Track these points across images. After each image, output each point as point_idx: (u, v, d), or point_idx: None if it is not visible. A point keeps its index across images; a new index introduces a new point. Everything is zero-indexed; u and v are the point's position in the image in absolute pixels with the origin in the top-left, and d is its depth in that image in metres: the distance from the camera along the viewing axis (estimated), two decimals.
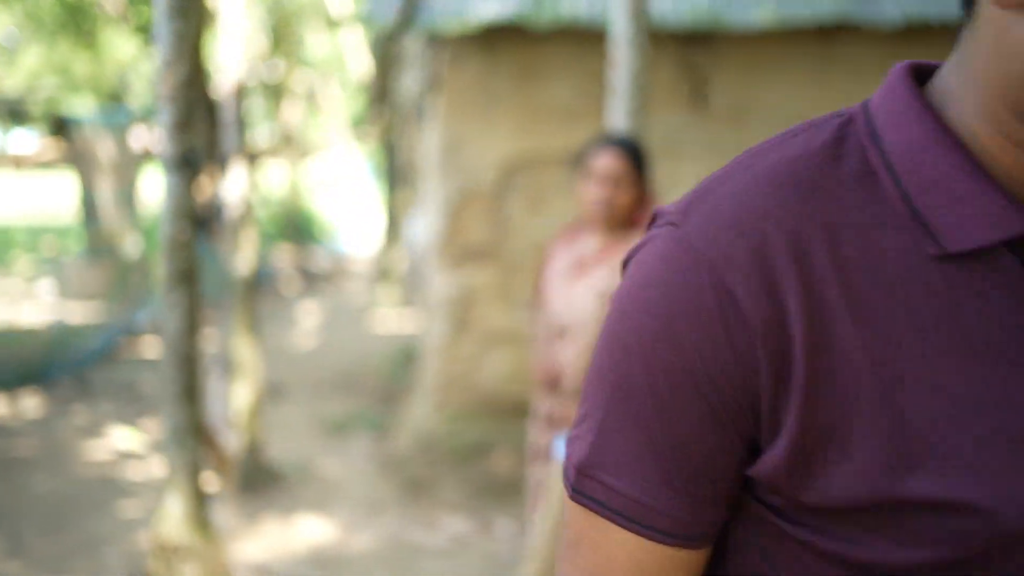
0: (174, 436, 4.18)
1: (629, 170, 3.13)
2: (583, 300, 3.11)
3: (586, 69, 5.43)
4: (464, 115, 5.48)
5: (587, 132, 5.41)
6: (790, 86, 5.43)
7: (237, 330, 5.67)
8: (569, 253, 3.25)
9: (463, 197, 5.51)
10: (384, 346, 9.89)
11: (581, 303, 3.11)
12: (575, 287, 3.16)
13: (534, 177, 5.53)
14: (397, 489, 5.63)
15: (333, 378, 8.63)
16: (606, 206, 3.09)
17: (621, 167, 3.11)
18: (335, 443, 6.67)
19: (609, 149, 3.15)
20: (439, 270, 5.61)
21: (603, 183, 3.09)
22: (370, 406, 7.55)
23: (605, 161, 3.12)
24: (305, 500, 5.57)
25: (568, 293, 3.16)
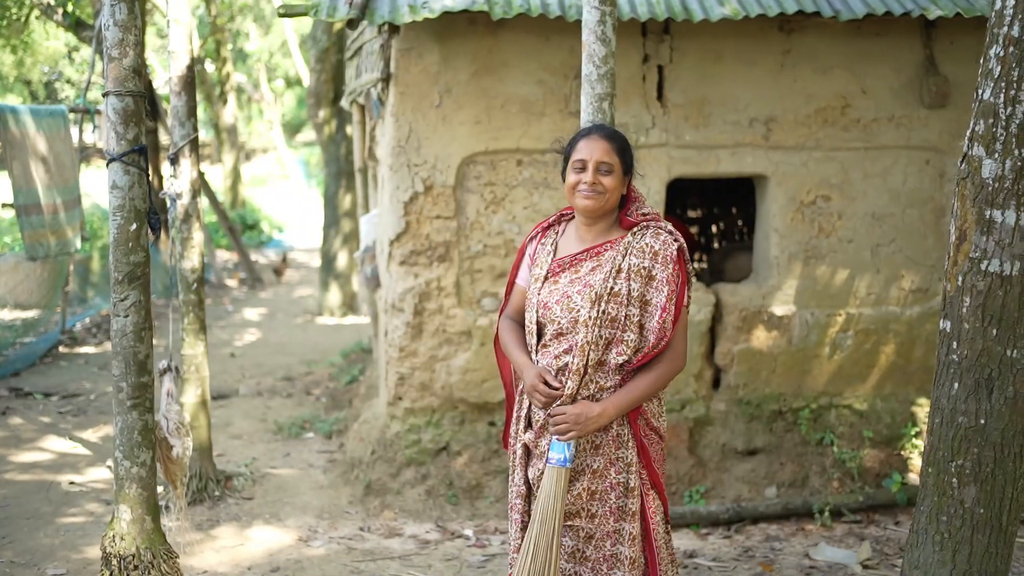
0: (124, 443, 3.98)
1: (619, 160, 3.02)
2: (577, 300, 2.98)
3: (546, 61, 5.33)
4: (419, 108, 5.33)
5: (548, 126, 5.32)
6: (750, 80, 5.39)
7: (186, 332, 5.45)
8: (550, 250, 3.11)
9: (418, 193, 5.36)
10: (331, 346, 9.68)
11: (575, 303, 2.98)
12: (565, 286, 3.02)
13: (492, 172, 5.40)
14: (354, 494, 5.47)
15: (280, 379, 8.41)
16: (597, 197, 2.98)
17: (612, 155, 2.99)
18: (286, 447, 6.47)
19: (599, 136, 3.02)
20: (394, 268, 5.46)
21: (594, 172, 2.97)
22: (320, 408, 7.36)
23: (596, 147, 2.99)
24: (259, 507, 5.38)
25: (557, 292, 3.02)
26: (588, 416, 2.91)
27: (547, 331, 3.03)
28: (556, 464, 2.93)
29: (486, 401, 5.49)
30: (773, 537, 5.05)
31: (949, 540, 3.30)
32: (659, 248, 2.99)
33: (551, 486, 2.94)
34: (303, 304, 12.78)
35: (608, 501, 3.02)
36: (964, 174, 3.21)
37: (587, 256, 3.03)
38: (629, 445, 3.03)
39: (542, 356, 3.03)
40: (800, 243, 5.49)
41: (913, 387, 5.62)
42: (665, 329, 2.95)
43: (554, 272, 3.06)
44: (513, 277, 3.21)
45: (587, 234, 3.07)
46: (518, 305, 3.19)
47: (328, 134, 11.29)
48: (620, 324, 2.97)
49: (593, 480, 3.02)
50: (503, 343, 3.17)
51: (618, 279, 2.96)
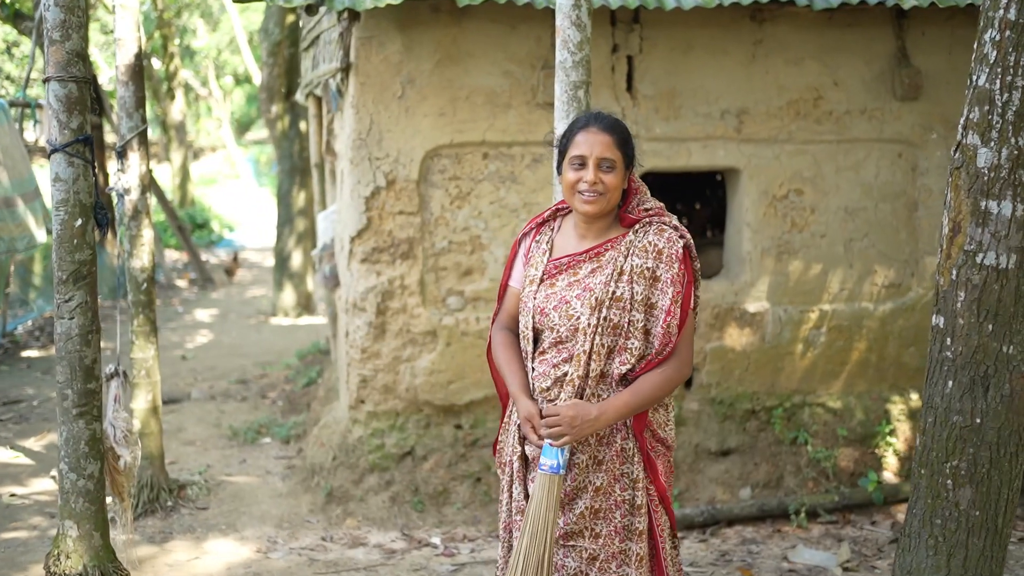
0: (70, 454, 3.72)
1: (621, 154, 2.76)
2: (577, 306, 2.75)
3: (512, 51, 5.14)
4: (380, 99, 5.12)
5: (514, 118, 5.14)
6: (722, 71, 5.25)
7: (135, 334, 5.19)
8: (546, 248, 2.87)
9: (380, 187, 5.15)
10: (287, 348, 9.40)
11: (574, 310, 2.75)
12: (563, 290, 2.79)
13: (458, 166, 5.21)
14: (315, 502, 5.24)
15: (234, 382, 8.13)
16: (599, 199, 2.73)
17: (614, 149, 2.74)
18: (242, 453, 6.22)
19: (599, 128, 2.77)
20: (355, 266, 5.24)
21: (595, 169, 2.73)
22: (277, 412, 7.10)
23: (596, 141, 2.73)
24: (214, 518, 5.13)
25: (555, 297, 2.81)
26: (584, 418, 2.68)
27: (544, 338, 2.81)
28: (548, 471, 2.71)
29: (452, 403, 5.29)
30: (749, 540, 4.92)
31: (943, 544, 3.17)
32: (663, 246, 2.75)
33: (542, 495, 2.72)
34: (256, 304, 12.47)
35: (613, 520, 2.80)
36: (958, 163, 3.09)
37: (586, 257, 2.80)
38: (635, 460, 2.80)
39: (539, 364, 2.81)
40: (773, 238, 5.37)
41: (886, 384, 5.53)
42: (670, 334, 2.72)
43: (551, 274, 2.83)
44: (506, 279, 2.94)
45: (586, 232, 2.83)
46: (512, 310, 2.93)
47: (281, 130, 11.00)
48: (623, 331, 2.74)
49: (596, 498, 2.80)
50: (497, 362, 2.92)
51: (620, 282, 2.74)
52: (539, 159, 5.22)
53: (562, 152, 2.82)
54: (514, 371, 2.84)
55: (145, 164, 5.14)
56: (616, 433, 2.78)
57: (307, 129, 11.09)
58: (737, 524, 5.10)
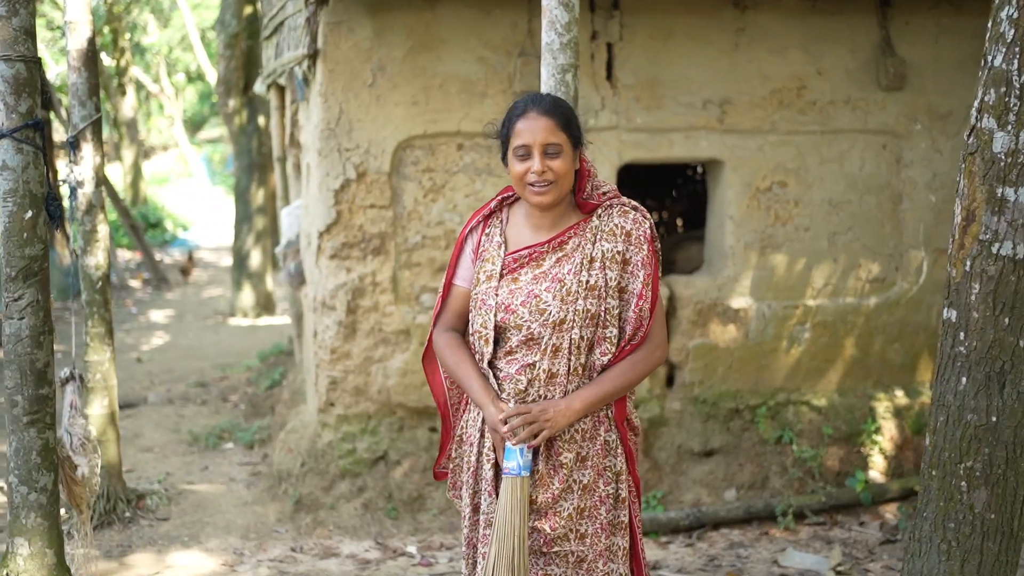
0: (21, 466, 3.45)
1: (566, 136, 2.58)
2: (548, 299, 2.57)
3: (487, 37, 4.93)
4: (350, 88, 4.88)
5: (490, 107, 4.93)
6: (704, 59, 5.09)
7: (90, 336, 4.89)
8: (500, 241, 2.66)
9: (350, 180, 4.91)
10: (247, 349, 9.10)
11: (545, 303, 2.57)
12: (529, 284, 2.59)
13: (431, 157, 4.98)
14: (283, 511, 4.98)
15: (192, 385, 7.82)
16: (551, 188, 2.55)
17: (558, 132, 2.56)
18: (204, 460, 5.94)
19: (538, 112, 2.58)
20: (324, 262, 4.99)
21: (541, 157, 2.54)
22: (239, 416, 6.82)
23: (538, 127, 2.55)
24: (176, 529, 4.85)
25: (520, 293, 2.61)
26: (555, 408, 2.53)
27: (511, 337, 2.61)
28: (512, 473, 2.54)
29: (427, 406, 5.07)
30: (737, 543, 4.76)
31: (957, 549, 3.02)
32: (631, 228, 2.61)
33: (506, 499, 2.54)
34: (213, 305, 12.12)
35: (598, 517, 2.65)
36: (972, 148, 2.93)
37: (549, 248, 2.62)
38: (618, 452, 2.67)
39: (507, 365, 2.61)
40: (756, 232, 5.21)
41: (871, 381, 5.40)
42: (642, 318, 2.59)
43: (511, 268, 2.63)
44: (451, 277, 2.73)
45: (541, 222, 2.64)
46: (459, 309, 2.73)
47: (239, 125, 10.68)
48: (601, 320, 2.59)
49: (583, 496, 2.63)
50: (447, 367, 2.70)
51: (592, 270, 2.58)
52: None
53: (505, 143, 2.62)
54: (473, 375, 2.64)
55: (99, 156, 4.85)
56: (599, 426, 2.63)
57: (266, 124, 10.79)
58: (723, 527, 4.94)
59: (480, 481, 2.69)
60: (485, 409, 2.61)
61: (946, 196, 5.31)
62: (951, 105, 5.28)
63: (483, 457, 2.67)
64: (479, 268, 2.68)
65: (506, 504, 2.55)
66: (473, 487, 2.70)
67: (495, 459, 2.66)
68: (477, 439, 2.68)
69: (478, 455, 2.69)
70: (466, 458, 2.73)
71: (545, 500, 2.63)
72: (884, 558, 4.54)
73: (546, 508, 2.63)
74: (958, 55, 5.26)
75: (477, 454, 2.69)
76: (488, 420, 2.60)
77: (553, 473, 2.62)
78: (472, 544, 2.72)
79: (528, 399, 2.60)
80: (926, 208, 5.31)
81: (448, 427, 2.87)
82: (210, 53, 24.42)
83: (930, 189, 5.30)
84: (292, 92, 5.50)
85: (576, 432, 2.61)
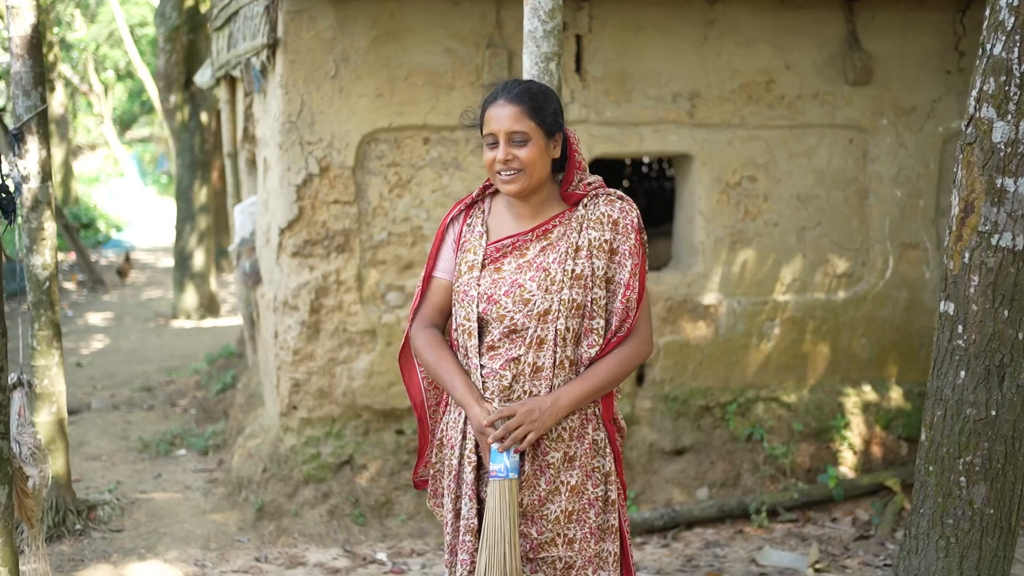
0: None
1: (535, 124, 2.46)
2: (532, 289, 2.47)
3: (455, 28, 4.80)
4: (312, 79, 4.70)
5: (458, 100, 4.80)
6: (673, 52, 5.02)
7: (37, 339, 4.64)
8: (482, 231, 2.57)
9: (313, 175, 4.74)
10: (192, 352, 8.81)
11: (529, 293, 2.47)
12: (512, 274, 2.49)
13: (397, 151, 4.83)
14: (245, 519, 4.79)
15: (138, 390, 7.52)
16: (518, 176, 2.46)
17: (524, 119, 2.45)
18: (156, 467, 5.69)
19: (505, 99, 2.48)
20: (285, 260, 4.81)
21: (506, 145, 2.44)
22: (191, 421, 6.57)
23: (503, 115, 2.45)
24: (132, 540, 4.63)
25: (504, 282, 2.49)
26: (541, 408, 2.43)
27: (492, 330, 2.49)
28: (499, 476, 2.42)
29: (393, 407, 4.91)
30: (713, 543, 4.69)
31: (956, 545, 2.98)
32: (618, 216, 2.53)
33: (495, 503, 2.42)
34: (154, 307, 11.75)
35: (587, 521, 2.54)
36: (971, 139, 2.90)
37: (533, 236, 2.52)
38: (607, 452, 2.57)
39: (490, 360, 2.50)
40: (726, 227, 5.16)
41: (839, 377, 5.39)
42: (629, 309, 2.50)
43: (493, 258, 2.53)
44: (431, 269, 2.61)
45: (523, 211, 2.55)
46: (440, 303, 2.61)
47: (181, 121, 10.36)
48: (588, 311, 2.49)
49: (571, 499, 2.52)
50: (428, 365, 2.57)
51: (578, 258, 2.48)
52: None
53: (479, 131, 2.54)
54: (455, 373, 2.52)
55: (46, 149, 4.60)
56: (587, 424, 2.53)
57: (209, 119, 10.49)
58: (697, 526, 4.88)
59: (462, 485, 2.56)
60: (469, 410, 2.49)
61: (911, 191, 5.33)
62: (915, 100, 5.29)
63: (464, 460, 2.55)
64: (461, 259, 2.57)
65: (494, 508, 2.43)
66: (455, 491, 2.57)
67: (477, 461, 2.54)
68: (459, 441, 2.56)
69: (460, 458, 2.56)
70: (447, 462, 2.60)
71: (531, 502, 2.52)
72: (860, 554, 4.51)
73: (532, 511, 2.52)
74: (922, 50, 5.27)
75: (459, 457, 2.56)
76: (473, 422, 2.48)
77: (539, 474, 2.51)
78: (455, 551, 2.59)
79: (513, 396, 2.49)
80: (892, 203, 5.31)
81: (426, 431, 2.74)
82: (140, 49, 23.77)
83: (895, 184, 5.31)
84: (248, 84, 5.29)
85: (563, 430, 2.51)
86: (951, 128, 5.33)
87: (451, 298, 2.62)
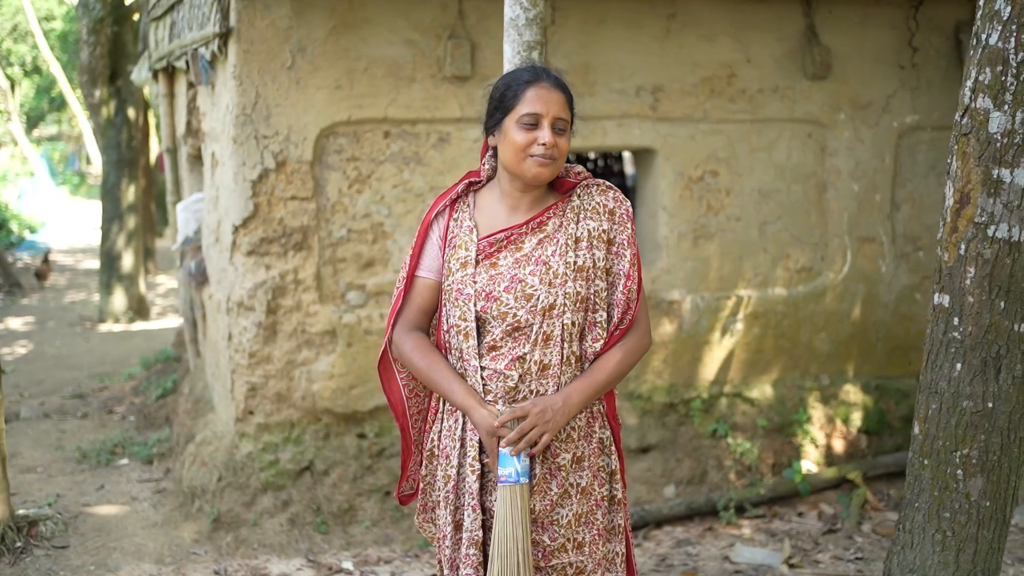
0: None
1: (571, 116, 2.43)
2: (535, 283, 2.36)
3: (416, 18, 4.65)
4: (267, 70, 4.51)
5: (419, 93, 4.67)
6: (636, 45, 4.96)
7: None
8: (471, 225, 2.44)
9: (269, 170, 4.54)
10: (124, 357, 8.47)
11: (532, 288, 2.35)
12: (511, 269, 2.38)
13: (356, 145, 4.66)
14: (200, 531, 4.57)
15: (69, 397, 7.18)
16: (552, 164, 2.35)
17: (567, 110, 2.40)
18: (97, 478, 5.41)
19: (551, 84, 2.40)
20: (240, 259, 4.60)
21: (551, 131, 2.33)
22: (131, 429, 6.28)
23: (552, 99, 2.36)
24: (79, 557, 4.37)
25: (503, 278, 2.37)
26: (553, 408, 2.33)
27: (492, 329, 2.37)
28: (510, 481, 2.31)
29: (355, 410, 4.75)
30: (684, 541, 4.65)
31: (952, 539, 2.96)
32: (613, 206, 2.46)
33: (506, 510, 2.31)
34: (78, 310, 11.28)
35: (595, 523, 2.45)
36: (966, 129, 2.87)
37: (528, 229, 2.42)
38: (611, 450, 2.49)
39: (493, 361, 2.38)
40: (689, 222, 5.12)
41: (799, 371, 5.40)
42: (631, 300, 2.43)
43: (487, 253, 2.41)
44: (413, 268, 2.47)
45: (519, 203, 2.44)
46: (425, 305, 2.48)
47: (106, 116, 9.94)
48: (591, 304, 2.40)
49: (581, 501, 2.43)
50: (420, 371, 2.43)
51: (579, 250, 2.40)
52: (446, 138, 4.75)
53: (503, 108, 2.38)
54: (452, 377, 2.40)
55: None
56: (594, 422, 2.45)
57: (136, 115, 10.11)
58: (666, 524, 4.83)
59: (463, 495, 2.44)
60: (473, 413, 2.36)
61: (867, 185, 5.36)
62: (871, 95, 5.33)
63: (466, 468, 2.42)
64: (450, 256, 2.44)
65: (505, 516, 2.32)
66: (455, 502, 2.44)
67: (480, 469, 2.42)
68: (456, 450, 2.43)
69: (459, 467, 2.44)
70: (441, 472, 2.47)
71: (543, 508, 2.41)
72: (830, 548, 4.51)
73: (543, 517, 2.42)
74: (877, 45, 5.31)
75: (458, 466, 2.43)
76: (480, 426, 2.36)
77: (550, 477, 2.41)
78: (455, 566, 2.45)
79: (519, 396, 2.38)
80: (849, 197, 5.34)
81: (409, 442, 2.61)
82: (49, 43, 22.90)
83: (853, 178, 5.34)
84: (195, 76, 5.06)
85: (572, 430, 2.41)
86: (905, 123, 5.38)
87: (436, 299, 2.49)
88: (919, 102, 5.38)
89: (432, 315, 2.53)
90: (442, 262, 2.46)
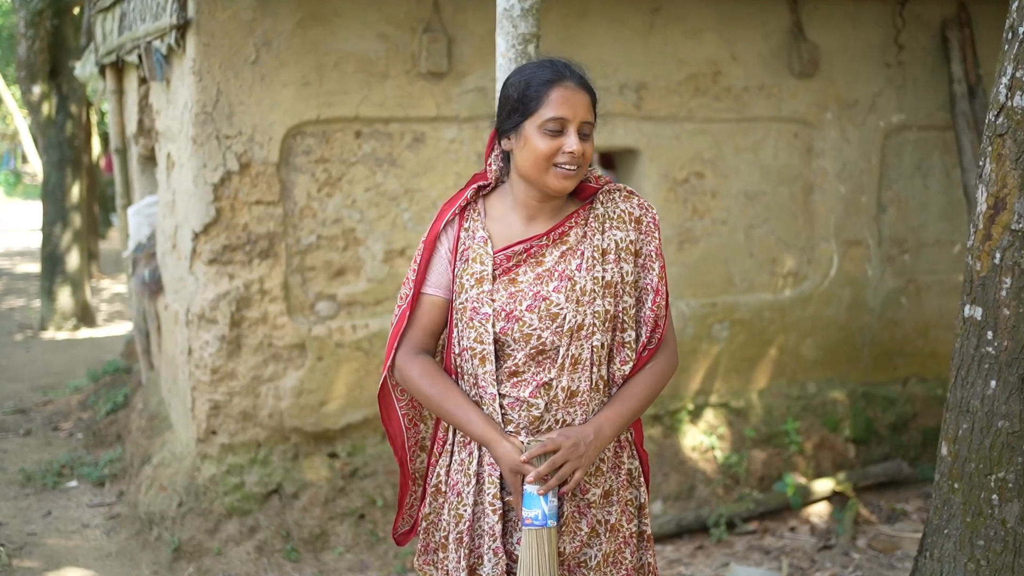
0: None
1: (595, 115, 2.19)
2: (560, 301, 2.12)
3: (388, 11, 4.37)
4: (229, 65, 4.19)
5: (392, 90, 4.39)
6: (619, 41, 4.73)
7: None
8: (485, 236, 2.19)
9: (232, 172, 4.23)
10: (69, 368, 8.03)
11: (557, 306, 2.12)
12: (532, 285, 2.13)
13: (326, 146, 4.37)
14: (159, 561, 4.24)
15: (10, 413, 6.75)
16: (577, 174, 2.13)
17: (592, 113, 2.15)
18: (43, 503, 5.04)
19: (577, 84, 2.15)
20: (201, 268, 4.28)
21: (577, 136, 2.10)
22: (79, 448, 5.90)
23: (579, 102, 2.11)
24: None
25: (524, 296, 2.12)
26: (585, 440, 2.10)
27: (516, 352, 2.13)
28: (536, 525, 2.07)
29: (326, 428, 4.45)
30: (675, 561, 4.43)
31: (987, 568, 2.77)
32: (639, 214, 2.24)
33: (532, 556, 2.08)
34: (16, 318, 10.75)
35: (623, 563, 2.25)
36: (1002, 130, 2.68)
37: (549, 240, 2.17)
38: (640, 482, 2.28)
39: (514, 388, 2.14)
40: (674, 226, 4.91)
41: (785, 379, 5.22)
42: (659, 318, 2.21)
43: (505, 268, 2.16)
44: (419, 285, 2.21)
45: (538, 213, 2.20)
46: (432, 325, 2.23)
47: (47, 114, 9.47)
48: (620, 323, 2.18)
49: (610, 540, 2.22)
50: (430, 399, 2.18)
51: (606, 263, 2.16)
52: (421, 138, 4.48)
53: (523, 111, 2.13)
54: (467, 406, 2.15)
55: None
56: (622, 452, 2.24)
57: (79, 112, 9.65)
58: (656, 544, 4.59)
59: (479, 538, 2.19)
60: (496, 447, 2.11)
61: (854, 187, 5.20)
62: (858, 94, 5.16)
63: (484, 507, 2.17)
64: (462, 271, 2.19)
65: (531, 562, 2.08)
66: (469, 546, 2.18)
67: (502, 508, 2.17)
68: (470, 487, 2.18)
69: (474, 505, 2.19)
70: (451, 511, 2.22)
71: (573, 550, 2.18)
72: (828, 566, 4.33)
73: (571, 560, 2.19)
74: (864, 43, 5.15)
75: (473, 504, 2.19)
76: (503, 461, 2.11)
77: (579, 516, 2.19)
78: None
79: (543, 427, 2.14)
80: (836, 199, 5.17)
81: (407, 477, 2.37)
82: None
83: (840, 179, 5.17)
84: (149, 71, 4.72)
85: (601, 462, 2.20)
86: (892, 123, 5.23)
87: (444, 318, 2.24)
88: (905, 101, 5.23)
89: (439, 336, 2.28)
90: (452, 277, 2.20)
